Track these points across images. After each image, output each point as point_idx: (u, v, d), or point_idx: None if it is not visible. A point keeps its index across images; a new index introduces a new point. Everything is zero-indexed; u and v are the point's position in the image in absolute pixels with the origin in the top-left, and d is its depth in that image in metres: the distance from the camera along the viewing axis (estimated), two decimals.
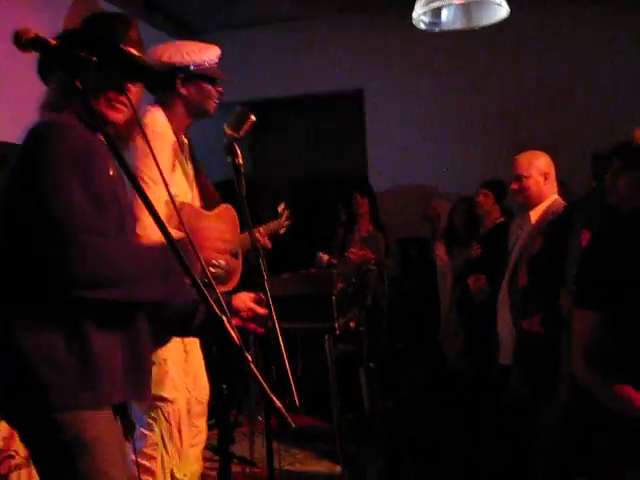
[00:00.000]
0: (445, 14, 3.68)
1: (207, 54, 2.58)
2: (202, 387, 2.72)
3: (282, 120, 7.38)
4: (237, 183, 2.19)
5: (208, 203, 2.70)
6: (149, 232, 2.12)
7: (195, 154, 2.73)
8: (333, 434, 4.00)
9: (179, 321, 2.00)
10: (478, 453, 3.40)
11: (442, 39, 5.10)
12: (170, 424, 2.45)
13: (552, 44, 6.14)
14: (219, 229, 1.84)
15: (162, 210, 2.03)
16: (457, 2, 3.40)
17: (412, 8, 3.43)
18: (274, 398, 1.29)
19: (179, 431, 2.48)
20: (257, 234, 2.86)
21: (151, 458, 2.43)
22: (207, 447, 3.93)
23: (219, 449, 3.28)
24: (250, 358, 1.30)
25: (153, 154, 1.68)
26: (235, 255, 2.79)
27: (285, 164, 7.63)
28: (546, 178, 3.21)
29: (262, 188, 6.54)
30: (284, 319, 2.10)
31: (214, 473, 3.52)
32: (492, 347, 3.44)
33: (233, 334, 1.32)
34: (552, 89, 6.09)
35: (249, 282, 2.24)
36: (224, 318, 1.33)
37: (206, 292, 1.34)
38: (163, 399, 2.42)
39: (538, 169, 3.21)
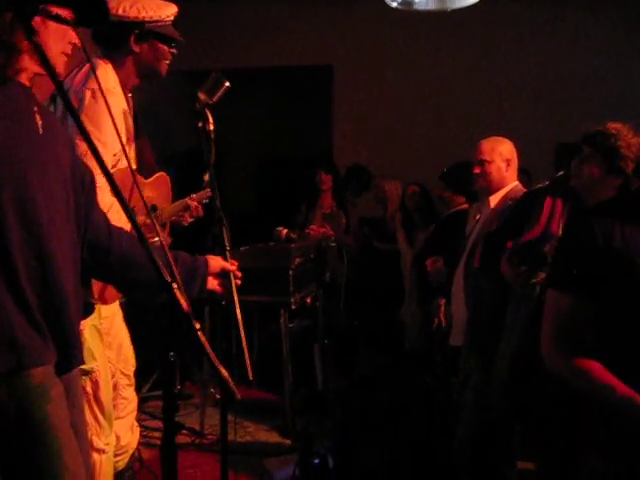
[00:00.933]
0: None
1: (164, 11, 2.46)
2: (126, 359, 2.69)
3: (249, 92, 7.28)
4: (206, 150, 2.14)
5: (144, 169, 2.60)
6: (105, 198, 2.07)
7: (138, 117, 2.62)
8: (285, 408, 4.02)
9: (148, 285, 1.82)
10: (434, 431, 3.43)
11: (414, 18, 5.08)
12: (87, 393, 2.40)
13: (522, 34, 6.19)
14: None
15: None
16: None
17: None
18: (220, 367, 1.28)
19: (96, 400, 2.43)
20: (189, 200, 2.79)
21: None
22: (158, 417, 3.94)
23: (163, 417, 3.27)
24: (198, 326, 1.29)
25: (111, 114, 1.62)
26: (164, 226, 2.74)
27: (250, 137, 7.54)
28: (508, 164, 3.22)
29: (225, 160, 6.45)
30: (240, 292, 2.09)
31: None
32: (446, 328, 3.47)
33: (182, 301, 1.30)
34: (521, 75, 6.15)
35: (211, 253, 2.20)
36: (174, 284, 1.31)
37: (157, 258, 1.31)
38: (80, 369, 2.36)
39: (501, 155, 3.22)
